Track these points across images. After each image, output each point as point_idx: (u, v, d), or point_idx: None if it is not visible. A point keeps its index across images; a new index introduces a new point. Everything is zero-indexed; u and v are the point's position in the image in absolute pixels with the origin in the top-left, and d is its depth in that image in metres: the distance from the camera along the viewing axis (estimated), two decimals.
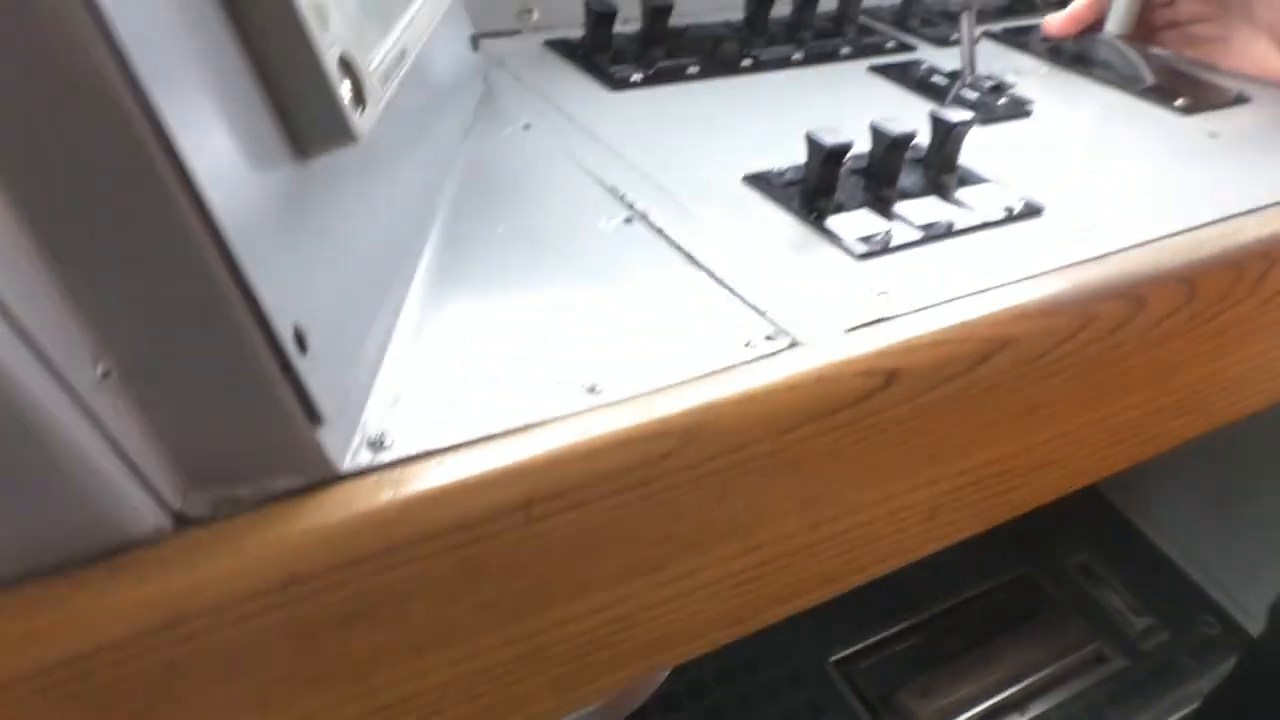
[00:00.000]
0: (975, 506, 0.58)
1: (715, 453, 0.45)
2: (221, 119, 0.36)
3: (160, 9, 0.34)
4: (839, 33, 0.88)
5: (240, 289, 0.36)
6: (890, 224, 0.58)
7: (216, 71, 0.36)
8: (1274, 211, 0.64)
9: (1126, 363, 0.59)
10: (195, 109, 0.34)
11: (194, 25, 0.36)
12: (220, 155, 0.35)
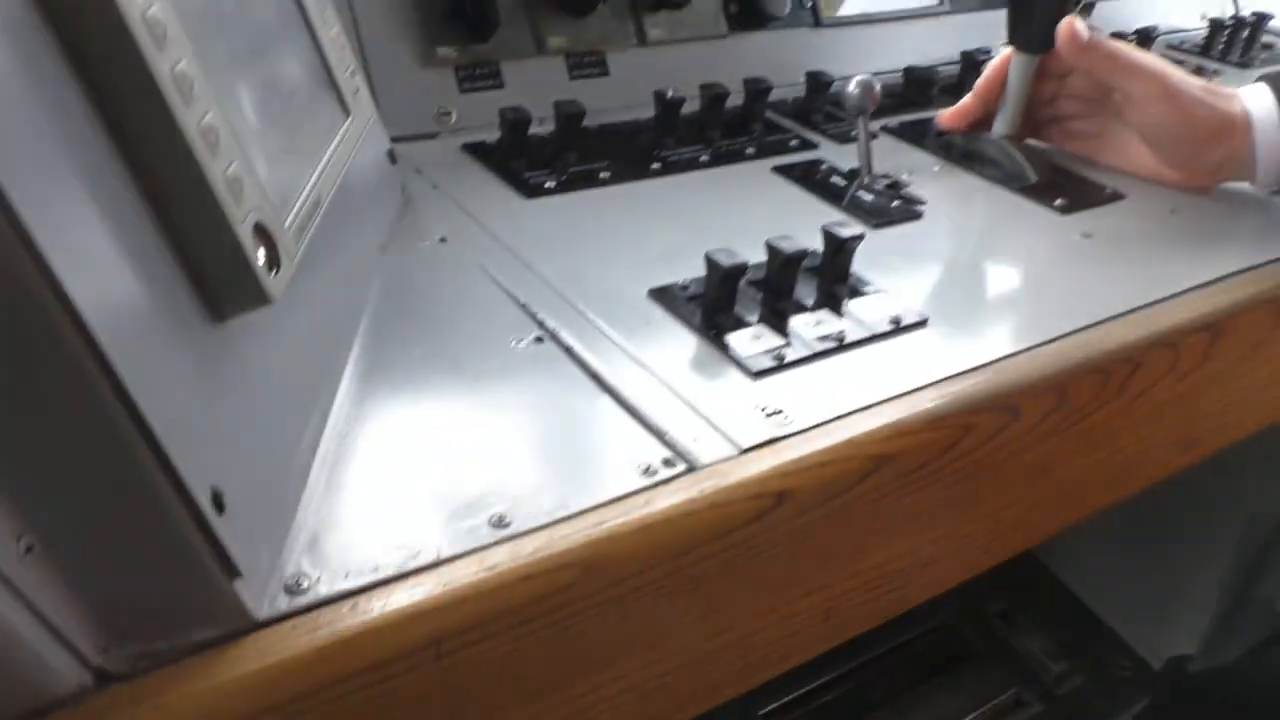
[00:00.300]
0: (867, 606, 0.62)
1: (617, 580, 0.49)
2: (133, 290, 0.39)
3: (72, 200, 0.36)
4: (746, 129, 0.93)
5: (157, 459, 0.38)
6: (785, 340, 0.63)
7: (128, 242, 0.39)
8: (1137, 317, 0.69)
9: (1004, 466, 0.63)
10: (105, 283, 0.37)
11: (107, 207, 0.38)
12: (132, 326, 0.38)
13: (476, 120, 0.89)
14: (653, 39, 0.99)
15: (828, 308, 0.66)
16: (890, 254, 0.75)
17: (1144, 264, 0.76)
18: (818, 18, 1.09)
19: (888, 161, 0.90)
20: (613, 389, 0.58)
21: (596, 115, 0.93)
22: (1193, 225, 0.84)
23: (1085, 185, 0.89)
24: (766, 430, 0.55)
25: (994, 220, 0.83)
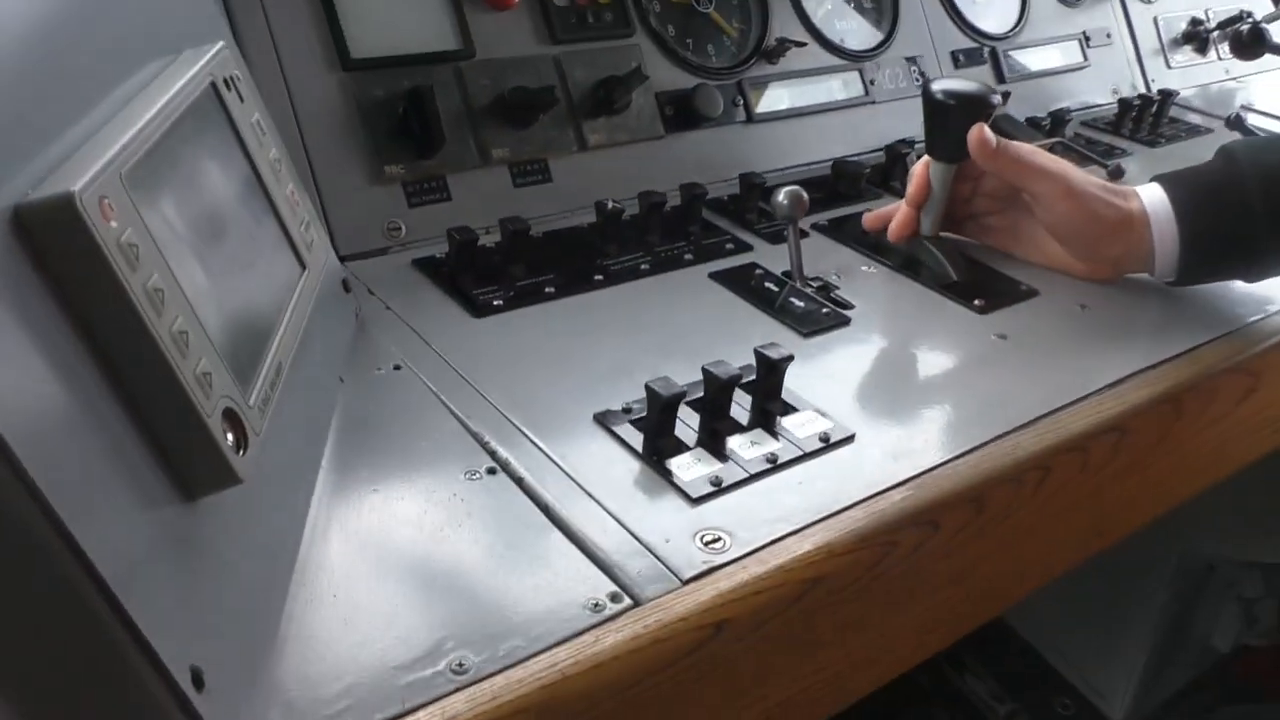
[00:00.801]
0: (808, 708, 0.66)
1: (569, 717, 0.52)
2: (104, 477, 0.42)
3: (44, 402, 0.40)
4: (683, 232, 0.98)
5: (136, 644, 0.42)
6: (723, 463, 0.67)
7: (100, 433, 0.43)
8: (1048, 423, 0.75)
9: (927, 573, 0.68)
10: (74, 472, 0.40)
11: (78, 400, 0.42)
12: (104, 514, 0.41)
13: (425, 233, 0.93)
14: (593, 144, 1.04)
15: (761, 426, 0.71)
16: (820, 365, 0.80)
17: (1055, 367, 0.82)
18: (749, 114, 1.15)
19: (818, 262, 0.96)
20: (562, 522, 0.62)
21: (541, 222, 0.98)
22: (1100, 322, 0.90)
23: (1002, 282, 0.95)
24: (705, 559, 0.60)
25: (918, 324, 0.89)
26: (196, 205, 0.53)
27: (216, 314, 0.51)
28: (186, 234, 0.51)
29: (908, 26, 1.31)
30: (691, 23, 1.14)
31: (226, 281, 0.54)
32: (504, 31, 1.01)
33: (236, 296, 0.55)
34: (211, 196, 0.55)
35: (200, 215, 0.53)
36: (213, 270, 0.53)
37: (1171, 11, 1.63)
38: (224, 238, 0.55)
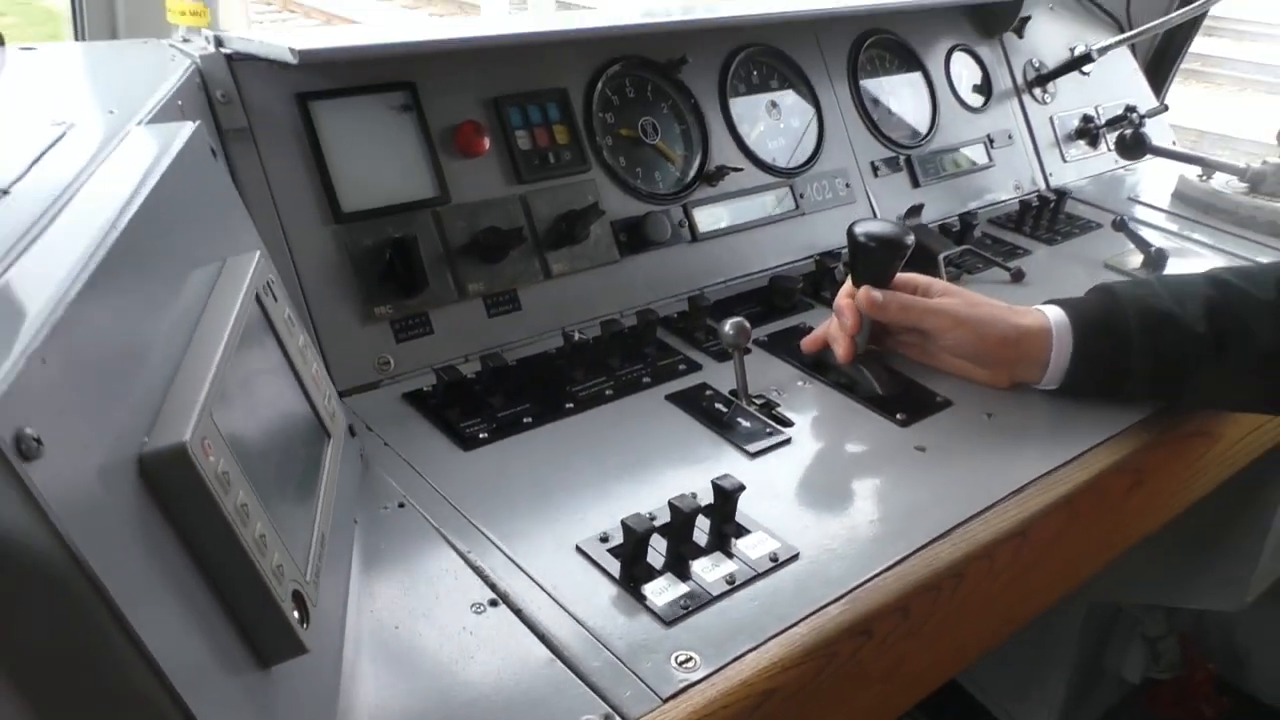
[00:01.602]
0: None
1: None
2: (203, 658, 0.53)
3: (158, 593, 0.50)
4: (640, 354, 1.10)
5: None
6: (688, 587, 0.79)
7: (199, 625, 0.53)
8: (958, 533, 0.88)
9: (863, 674, 0.81)
10: (180, 650, 0.50)
11: (182, 596, 0.52)
12: (206, 687, 0.51)
13: (411, 365, 1.04)
14: (557, 272, 1.16)
15: (719, 549, 0.83)
16: (767, 484, 0.92)
17: (965, 479, 0.96)
18: (694, 234, 1.28)
19: (760, 378, 1.09)
20: (559, 649, 0.73)
21: (514, 348, 1.10)
22: (1004, 428, 1.05)
23: (921, 394, 1.09)
24: (681, 678, 0.71)
25: (848, 440, 1.02)
26: (253, 410, 0.64)
27: (279, 502, 0.62)
28: (252, 440, 0.61)
29: (832, 142, 1.45)
30: (639, 153, 1.27)
31: (280, 470, 0.65)
32: (476, 176, 1.13)
33: (288, 482, 0.65)
34: (261, 395, 0.66)
35: (257, 417, 0.64)
36: (270, 461, 0.63)
37: (1065, 110, 1.80)
38: (274, 429, 0.66)
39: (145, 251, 0.61)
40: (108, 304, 0.55)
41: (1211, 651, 1.99)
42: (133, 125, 0.79)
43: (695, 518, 0.82)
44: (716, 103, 1.35)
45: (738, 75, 1.38)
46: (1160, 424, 1.08)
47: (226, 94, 1.00)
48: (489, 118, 1.15)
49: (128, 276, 0.58)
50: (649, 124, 1.28)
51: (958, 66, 1.67)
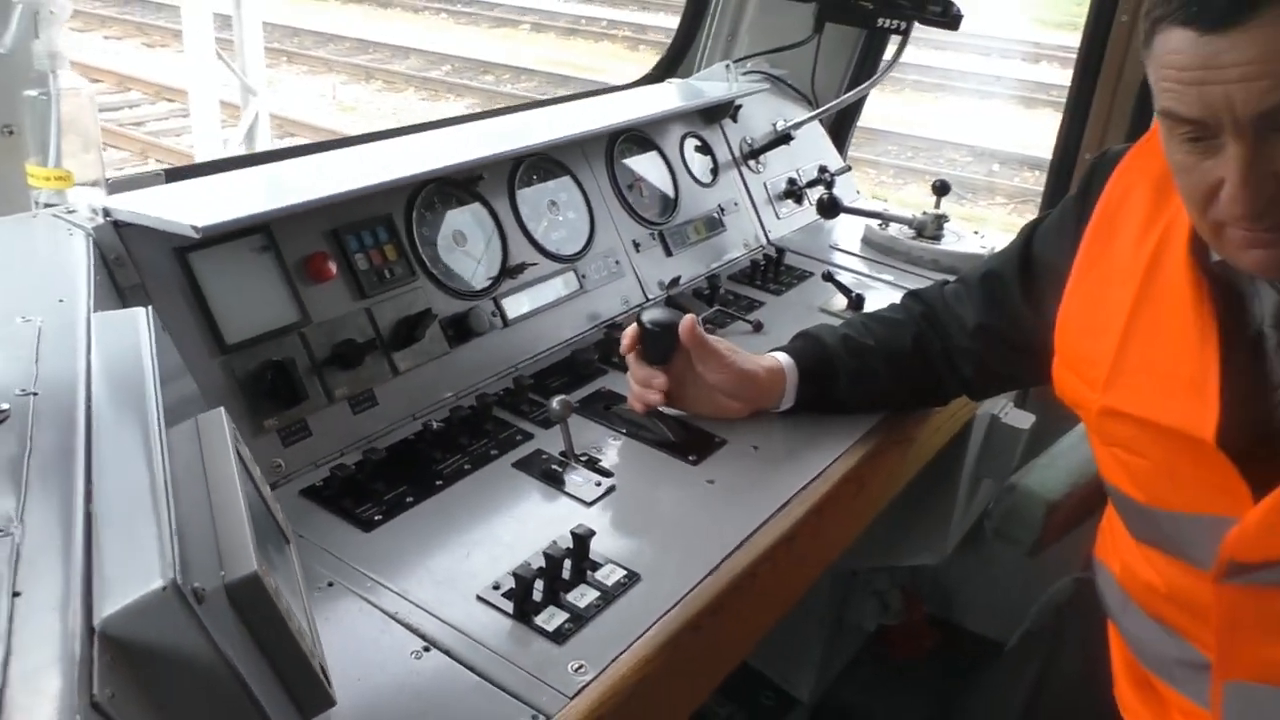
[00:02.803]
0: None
1: None
2: (280, 713, 0.75)
3: (254, 674, 0.73)
4: (483, 430, 1.36)
5: None
6: (567, 612, 1.07)
7: (271, 690, 0.75)
8: (749, 543, 1.21)
9: (698, 657, 1.12)
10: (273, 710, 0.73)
11: (265, 676, 0.75)
12: None
13: (299, 465, 1.25)
14: (403, 369, 1.39)
15: (584, 582, 1.12)
16: (606, 526, 1.21)
17: (748, 501, 1.29)
18: (505, 321, 1.55)
19: (579, 438, 1.37)
20: (485, 674, 0.99)
21: (378, 438, 1.33)
22: (768, 458, 1.39)
23: (703, 436, 1.42)
24: (578, 681, 0.99)
25: (656, 481, 1.33)
26: (264, 529, 0.86)
27: (292, 597, 0.84)
28: (270, 556, 0.83)
29: (601, 228, 1.76)
30: (454, 259, 1.52)
31: (284, 574, 0.87)
32: (328, 297, 1.35)
33: (290, 581, 0.88)
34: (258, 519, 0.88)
35: (269, 538, 0.86)
36: (279, 569, 0.85)
37: (774, 176, 2.21)
38: (272, 545, 0.88)
39: (169, 423, 0.82)
40: (169, 477, 0.76)
41: (925, 596, 2.48)
42: (83, 313, 0.97)
43: (564, 560, 1.10)
44: (509, 207, 1.62)
45: (523, 182, 1.66)
46: (873, 439, 1.47)
47: (119, 257, 1.17)
48: (332, 246, 1.37)
49: (171, 449, 0.79)
50: (458, 233, 1.54)
51: (689, 151, 2.03)
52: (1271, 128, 0.91)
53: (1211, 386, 1.06)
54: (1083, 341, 1.22)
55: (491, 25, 13.46)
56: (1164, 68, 0.96)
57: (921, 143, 9.06)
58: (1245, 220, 0.96)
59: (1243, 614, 1.09)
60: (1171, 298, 1.11)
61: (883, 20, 2.13)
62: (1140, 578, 1.21)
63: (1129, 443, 1.16)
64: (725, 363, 1.42)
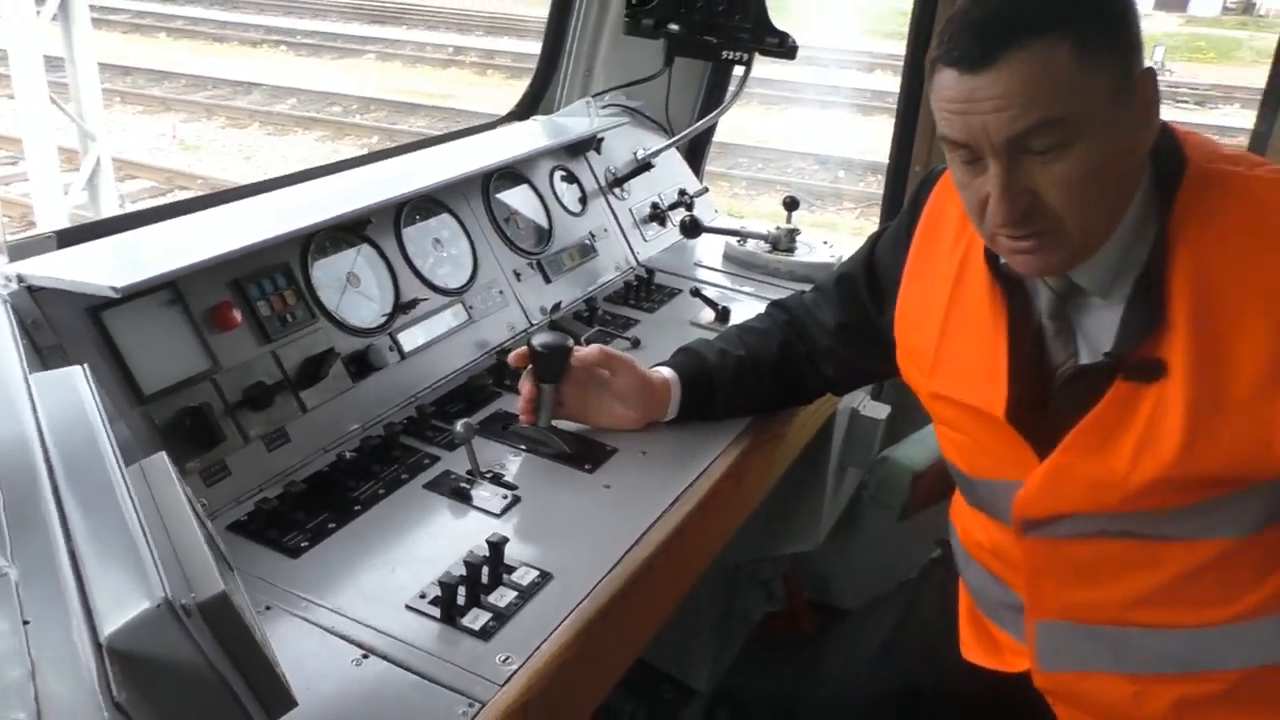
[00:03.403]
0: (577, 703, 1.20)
1: None
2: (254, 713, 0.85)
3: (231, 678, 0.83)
4: (392, 457, 1.46)
5: None
6: (490, 612, 1.19)
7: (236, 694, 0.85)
8: (646, 538, 1.35)
9: (608, 644, 1.25)
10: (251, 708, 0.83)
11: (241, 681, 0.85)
12: None
13: (222, 502, 1.33)
14: (310, 406, 1.48)
15: (501, 584, 1.24)
16: (517, 533, 1.33)
17: (643, 501, 1.43)
18: (402, 354, 1.65)
19: (484, 457, 1.49)
20: (422, 673, 1.10)
21: (294, 473, 1.41)
22: (657, 461, 1.54)
23: (596, 447, 1.55)
24: (506, 670, 1.11)
25: (558, 490, 1.46)
26: (216, 556, 0.95)
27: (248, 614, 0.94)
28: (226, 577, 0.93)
29: (484, 261, 1.88)
30: (350, 300, 1.62)
31: (237, 594, 0.96)
32: (236, 344, 1.43)
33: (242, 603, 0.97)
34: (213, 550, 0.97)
35: (221, 565, 0.95)
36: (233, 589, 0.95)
37: (638, 201, 2.37)
38: (226, 574, 0.97)
39: (127, 467, 0.91)
40: (140, 512, 0.85)
41: (805, 582, 2.67)
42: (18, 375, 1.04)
43: (482, 566, 1.22)
44: (397, 248, 1.73)
45: (408, 222, 1.77)
46: (746, 438, 1.64)
47: (36, 320, 1.24)
48: (235, 296, 1.45)
49: (133, 492, 0.88)
50: (352, 275, 1.64)
51: (558, 183, 2.17)
52: (1021, 150, 1.12)
53: (1001, 371, 1.28)
54: (913, 335, 1.42)
55: (335, 56, 13.33)
56: (939, 100, 1.16)
57: (771, 154, 9.46)
58: (1007, 228, 1.16)
59: (1042, 563, 1.31)
60: (973, 297, 1.32)
61: (726, 53, 2.32)
62: (973, 537, 1.42)
63: (951, 422, 1.37)
64: (633, 370, 1.57)
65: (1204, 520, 1.20)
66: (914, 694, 1.53)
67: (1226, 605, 1.23)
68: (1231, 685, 1.25)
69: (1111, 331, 1.21)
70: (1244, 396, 1.13)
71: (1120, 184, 1.17)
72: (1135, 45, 1.15)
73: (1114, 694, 1.31)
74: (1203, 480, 1.17)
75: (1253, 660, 1.24)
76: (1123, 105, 1.13)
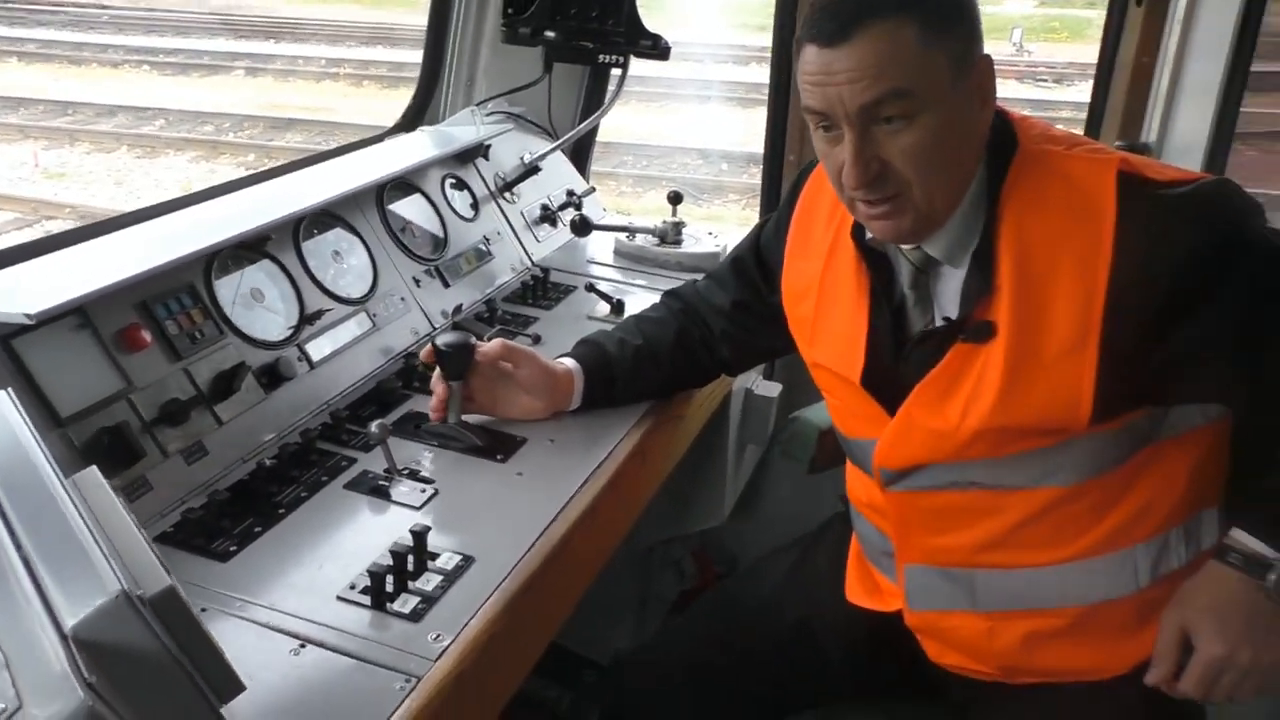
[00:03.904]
0: (502, 691, 1.28)
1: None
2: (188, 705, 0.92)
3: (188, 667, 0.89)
4: (311, 461, 1.52)
5: None
6: (418, 596, 1.26)
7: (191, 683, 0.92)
8: (562, 516, 1.44)
9: (531, 617, 1.34)
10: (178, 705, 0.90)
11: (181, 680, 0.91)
12: None
13: (147, 516, 1.37)
14: (226, 419, 1.53)
15: (426, 570, 1.31)
16: (437, 522, 1.40)
17: (555, 483, 1.52)
18: (311, 364, 1.70)
19: (399, 454, 1.56)
20: (359, 656, 1.17)
21: (215, 484, 1.46)
22: (565, 448, 1.63)
23: (505, 438, 1.64)
24: (438, 647, 1.19)
25: (474, 481, 1.53)
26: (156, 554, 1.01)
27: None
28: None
29: (383, 270, 1.94)
30: (254, 315, 1.67)
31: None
32: (148, 363, 1.47)
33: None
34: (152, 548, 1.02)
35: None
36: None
37: (529, 204, 2.45)
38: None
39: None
40: (86, 515, 0.91)
41: (714, 558, 2.79)
42: None
43: (408, 555, 1.29)
44: (298, 262, 1.78)
45: (306, 236, 1.82)
46: (648, 420, 1.74)
47: None
48: (143, 317, 1.49)
49: (75, 500, 0.93)
50: (256, 290, 1.68)
51: (450, 191, 2.24)
52: (871, 119, 1.26)
53: (860, 339, 1.43)
54: (797, 308, 1.55)
55: (203, 74, 12.95)
56: (802, 74, 1.30)
57: (654, 151, 9.60)
58: (861, 191, 1.29)
59: (906, 513, 1.47)
60: (843, 271, 1.46)
61: (603, 56, 2.43)
62: (855, 492, 1.56)
63: (827, 387, 1.52)
64: (536, 361, 1.67)
65: (1037, 471, 1.36)
66: (805, 632, 1.66)
67: (1063, 547, 1.39)
68: (1072, 620, 1.42)
69: (958, 298, 1.36)
70: (1056, 355, 1.29)
71: (960, 157, 1.31)
72: (974, 34, 1.30)
73: (971, 630, 1.47)
74: (1022, 430, 1.33)
75: (1089, 597, 1.41)
76: (961, 85, 1.27)
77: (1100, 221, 1.27)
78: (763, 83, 2.75)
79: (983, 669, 1.49)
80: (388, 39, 13.84)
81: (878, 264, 1.43)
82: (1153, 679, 1.36)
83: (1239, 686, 1.31)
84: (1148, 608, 1.40)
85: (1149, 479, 1.39)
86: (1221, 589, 1.32)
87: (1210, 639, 1.30)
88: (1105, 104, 2.30)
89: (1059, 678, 1.45)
